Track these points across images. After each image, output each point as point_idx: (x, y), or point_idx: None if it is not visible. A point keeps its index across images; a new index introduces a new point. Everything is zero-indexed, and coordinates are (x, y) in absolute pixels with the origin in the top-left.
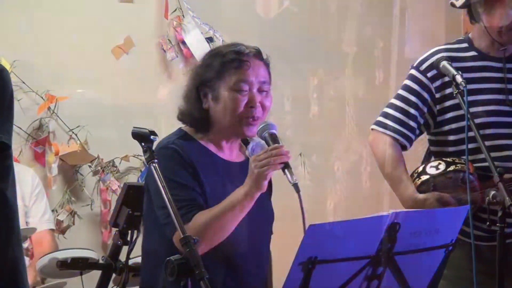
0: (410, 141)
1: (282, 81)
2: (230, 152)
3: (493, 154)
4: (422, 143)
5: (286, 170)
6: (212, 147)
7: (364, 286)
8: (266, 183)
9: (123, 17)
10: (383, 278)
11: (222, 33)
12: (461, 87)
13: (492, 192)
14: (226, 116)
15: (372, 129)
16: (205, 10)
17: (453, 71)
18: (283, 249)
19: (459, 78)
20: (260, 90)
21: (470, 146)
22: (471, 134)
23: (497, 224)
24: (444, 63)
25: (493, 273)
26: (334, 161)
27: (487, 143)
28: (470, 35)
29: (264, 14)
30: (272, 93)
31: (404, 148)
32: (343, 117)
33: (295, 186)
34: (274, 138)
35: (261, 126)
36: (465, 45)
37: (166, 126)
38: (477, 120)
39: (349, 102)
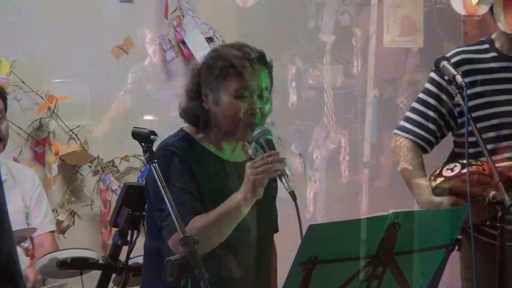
0: (431, 144)
1: None
2: (232, 152)
3: (510, 155)
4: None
5: (282, 178)
6: (212, 148)
7: (364, 286)
8: (262, 189)
9: (123, 17)
10: (383, 278)
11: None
12: (461, 88)
13: (492, 192)
14: (226, 120)
15: (394, 133)
16: None
17: (453, 71)
18: (283, 249)
19: (459, 79)
20: (260, 96)
21: (489, 147)
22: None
23: (497, 224)
24: (444, 63)
25: None
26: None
27: (505, 143)
28: (492, 36)
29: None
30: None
31: (424, 151)
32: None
33: (292, 194)
34: (269, 145)
35: (258, 131)
36: (485, 46)
37: (166, 126)
38: (495, 121)
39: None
